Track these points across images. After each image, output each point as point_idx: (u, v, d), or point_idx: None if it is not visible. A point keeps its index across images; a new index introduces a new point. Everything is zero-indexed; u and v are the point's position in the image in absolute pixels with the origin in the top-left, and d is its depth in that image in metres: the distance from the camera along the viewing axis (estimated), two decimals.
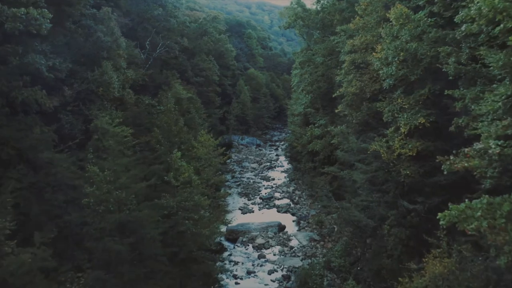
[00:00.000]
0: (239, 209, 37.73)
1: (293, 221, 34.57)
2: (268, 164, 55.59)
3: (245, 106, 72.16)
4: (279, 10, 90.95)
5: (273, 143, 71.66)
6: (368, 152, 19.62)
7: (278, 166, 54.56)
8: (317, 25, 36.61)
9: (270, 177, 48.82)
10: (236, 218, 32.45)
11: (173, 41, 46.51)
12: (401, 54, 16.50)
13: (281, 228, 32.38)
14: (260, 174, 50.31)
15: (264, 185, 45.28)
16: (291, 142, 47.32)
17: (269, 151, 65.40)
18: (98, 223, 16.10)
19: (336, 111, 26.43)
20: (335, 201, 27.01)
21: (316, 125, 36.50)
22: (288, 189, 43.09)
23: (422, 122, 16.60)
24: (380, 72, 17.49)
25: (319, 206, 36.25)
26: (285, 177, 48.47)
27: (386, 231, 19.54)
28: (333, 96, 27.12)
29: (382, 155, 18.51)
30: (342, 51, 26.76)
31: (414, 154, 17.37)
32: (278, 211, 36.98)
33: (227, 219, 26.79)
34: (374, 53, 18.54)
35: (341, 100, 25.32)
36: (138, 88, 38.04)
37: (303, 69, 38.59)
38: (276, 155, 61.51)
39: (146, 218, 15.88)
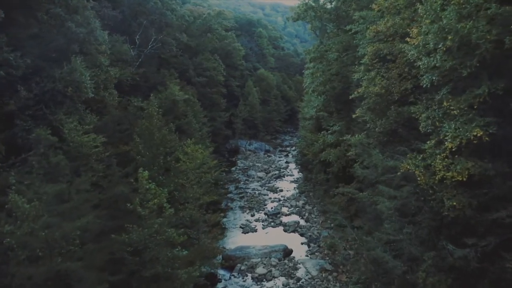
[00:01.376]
0: (240, 227, 33.00)
1: (302, 243, 29.64)
2: (277, 172, 50.67)
3: (254, 108, 67.35)
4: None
5: (283, 149, 66.64)
6: (398, 172, 14.73)
7: (287, 175, 49.59)
8: (330, 16, 31.70)
9: (277, 188, 43.94)
10: (230, 247, 27.81)
11: (171, 37, 42.24)
12: (449, 38, 11.65)
13: (287, 253, 27.52)
14: (267, 184, 45.45)
15: (270, 198, 40.41)
16: (301, 149, 42.40)
17: (279, 157, 60.46)
18: (24, 273, 11.64)
19: (354, 116, 21.47)
20: (352, 231, 21.95)
21: (329, 131, 31.51)
22: (297, 203, 38.17)
23: (478, 134, 11.69)
24: (419, 63, 12.62)
25: (332, 225, 31.31)
26: (294, 188, 43.51)
27: (421, 280, 14.61)
28: (350, 97, 22.14)
29: (418, 178, 13.64)
30: (360, 43, 21.87)
31: (464, 179, 12.49)
32: (285, 230, 32.08)
33: (219, 248, 22.07)
34: (408, 39, 13.63)
35: (360, 102, 20.40)
36: (128, 88, 33.95)
37: (314, 67, 33.66)
38: (286, 162, 56.56)
39: (85, 269, 11.35)
